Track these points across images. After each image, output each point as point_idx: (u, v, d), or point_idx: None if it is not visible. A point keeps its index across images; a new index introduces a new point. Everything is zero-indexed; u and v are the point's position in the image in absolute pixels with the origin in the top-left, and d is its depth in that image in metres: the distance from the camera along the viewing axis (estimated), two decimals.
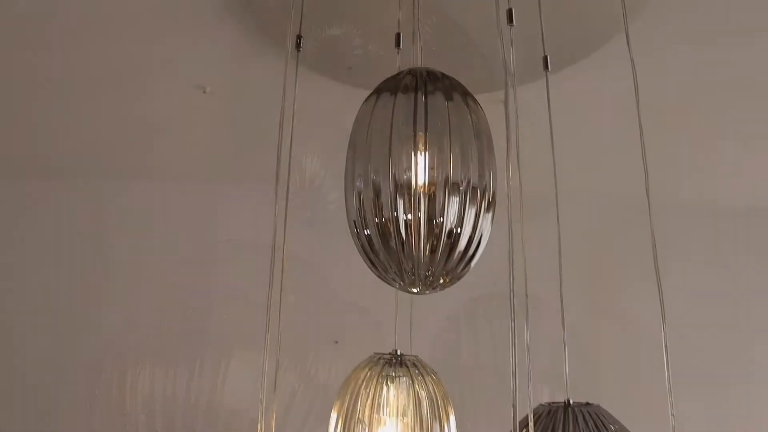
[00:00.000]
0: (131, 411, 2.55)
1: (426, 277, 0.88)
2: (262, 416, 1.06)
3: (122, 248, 2.69)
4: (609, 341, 2.61)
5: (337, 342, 2.58)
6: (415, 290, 0.89)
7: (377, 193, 0.92)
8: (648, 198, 1.36)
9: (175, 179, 2.73)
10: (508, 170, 0.79)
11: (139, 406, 2.56)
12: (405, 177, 0.91)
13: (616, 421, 1.23)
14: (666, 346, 1.05)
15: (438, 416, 1.13)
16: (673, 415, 0.93)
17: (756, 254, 2.90)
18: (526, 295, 1.09)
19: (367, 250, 0.93)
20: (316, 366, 1.92)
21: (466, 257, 0.89)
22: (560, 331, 1.34)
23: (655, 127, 2.26)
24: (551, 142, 1.58)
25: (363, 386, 1.11)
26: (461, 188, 0.91)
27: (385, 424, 1.12)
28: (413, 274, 0.88)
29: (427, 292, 0.90)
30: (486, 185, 0.95)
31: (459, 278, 0.91)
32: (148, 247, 2.69)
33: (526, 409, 1.17)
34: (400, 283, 0.91)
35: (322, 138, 2.20)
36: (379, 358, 1.13)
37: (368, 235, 0.92)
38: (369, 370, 1.12)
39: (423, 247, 0.86)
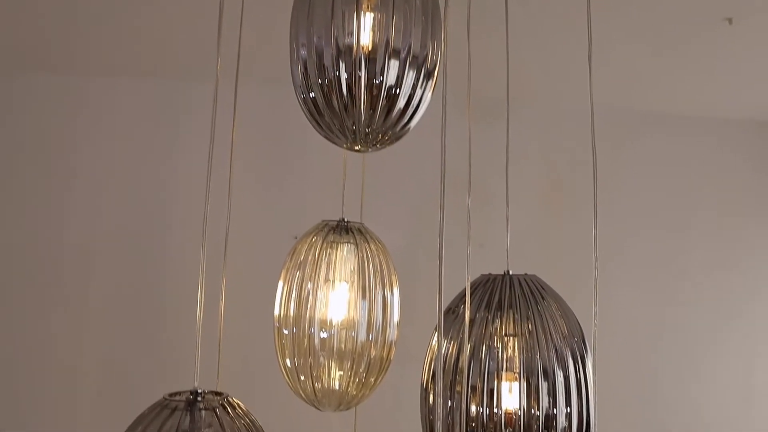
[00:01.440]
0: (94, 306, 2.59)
1: (367, 134, 0.90)
2: (200, 308, 1.10)
3: (82, 145, 2.66)
4: (558, 233, 2.70)
5: (296, 237, 2.62)
6: (357, 148, 0.92)
7: (320, 56, 0.93)
8: (591, 96, 1.38)
9: (135, 75, 2.68)
10: (444, 31, 0.80)
11: (102, 300, 2.60)
12: (347, 39, 0.92)
13: (551, 290, 1.29)
14: (595, 222, 1.10)
15: (381, 282, 1.18)
16: (596, 275, 0.99)
17: (699, 161, 2.98)
18: (470, 165, 1.12)
19: (313, 112, 0.95)
20: (274, 264, 1.96)
21: (405, 117, 0.92)
22: (512, 223, 1.37)
23: (618, 33, 2.27)
24: (506, 30, 1.59)
25: (308, 252, 1.14)
26: (402, 54, 0.93)
27: (328, 288, 1.17)
28: (355, 132, 0.90)
29: (370, 150, 0.93)
30: (427, 54, 0.96)
31: (398, 138, 0.93)
32: (108, 144, 2.67)
33: (467, 280, 1.23)
34: (347, 143, 0.94)
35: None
36: (325, 225, 1.16)
37: (313, 98, 0.94)
38: (314, 236, 1.15)
39: (363, 103, 0.88)
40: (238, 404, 0.89)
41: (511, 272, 1.29)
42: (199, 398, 0.85)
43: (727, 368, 2.87)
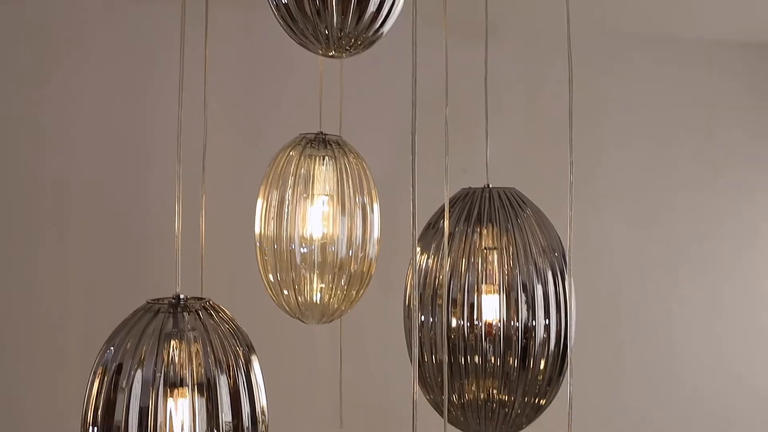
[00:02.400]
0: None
1: (340, 39, 0.90)
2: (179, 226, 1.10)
3: (58, 66, 2.61)
4: (540, 158, 2.71)
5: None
6: (331, 53, 0.92)
7: None
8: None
9: None
10: None
11: (82, 223, 2.59)
12: None
13: (532, 203, 1.31)
14: (571, 131, 1.11)
15: (361, 196, 1.18)
16: (571, 179, 1.00)
17: (685, 84, 2.98)
18: (447, 67, 1.12)
19: (286, 18, 0.94)
20: (253, 179, 1.95)
21: (378, 21, 0.91)
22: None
23: None
24: None
25: (286, 166, 1.14)
26: None
27: (307, 203, 1.17)
28: (329, 38, 0.90)
29: (344, 55, 0.92)
30: None
31: (371, 42, 0.93)
32: (84, 65, 2.62)
33: (446, 195, 1.24)
34: (321, 49, 0.93)
35: None
36: (302, 138, 1.16)
37: (285, 3, 0.93)
38: (291, 150, 1.15)
39: (334, 7, 0.88)
40: (222, 309, 0.90)
41: (491, 186, 1.30)
42: (181, 302, 0.86)
43: (701, 287, 2.94)
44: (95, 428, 0.96)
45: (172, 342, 0.83)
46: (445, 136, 1.03)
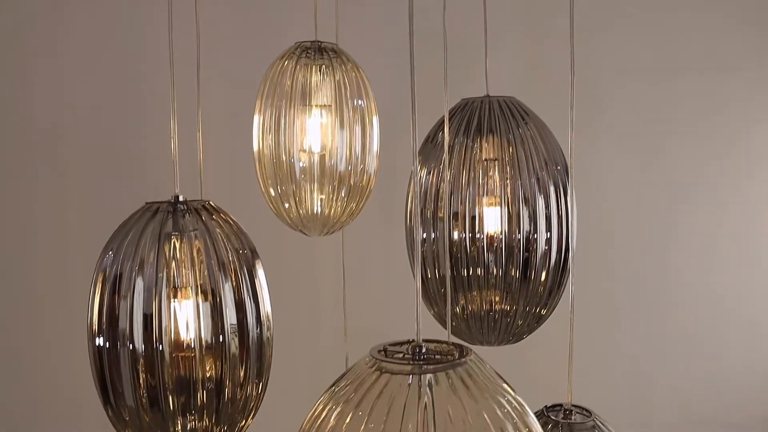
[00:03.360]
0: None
1: None
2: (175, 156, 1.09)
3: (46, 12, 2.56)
4: (540, 89, 2.66)
5: None
6: None
7: None
8: None
9: None
10: None
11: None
12: None
13: (534, 114, 1.29)
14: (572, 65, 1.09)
15: (359, 106, 1.16)
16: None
17: (692, 17, 2.91)
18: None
19: None
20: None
21: None
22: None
23: None
24: None
25: (281, 77, 1.12)
26: None
27: (305, 115, 1.15)
28: None
29: None
30: None
31: None
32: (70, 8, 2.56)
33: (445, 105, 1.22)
34: None
35: None
36: (298, 47, 1.13)
37: None
38: (286, 60, 1.12)
39: None
40: (224, 211, 0.88)
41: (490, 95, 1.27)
42: (180, 202, 0.84)
43: (699, 221, 2.93)
44: (101, 337, 0.96)
45: (173, 242, 0.82)
46: (444, 42, 1.01)
